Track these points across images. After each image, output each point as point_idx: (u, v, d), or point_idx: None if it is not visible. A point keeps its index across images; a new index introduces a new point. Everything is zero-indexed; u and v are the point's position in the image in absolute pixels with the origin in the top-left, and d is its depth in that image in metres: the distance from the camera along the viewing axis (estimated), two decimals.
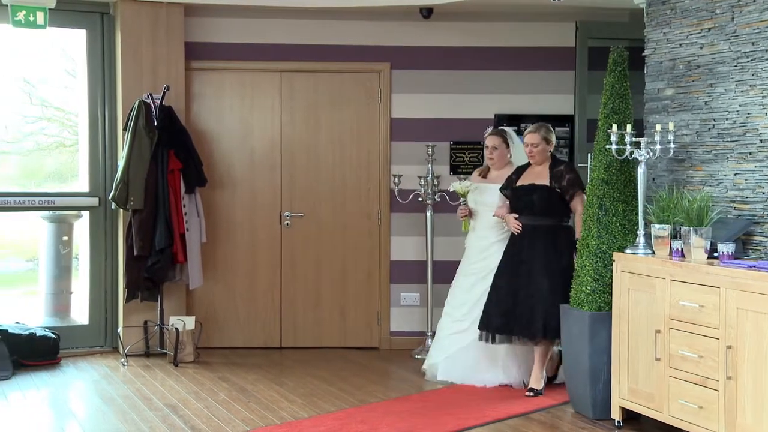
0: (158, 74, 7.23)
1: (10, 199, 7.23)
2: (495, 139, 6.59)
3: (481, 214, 6.57)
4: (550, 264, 6.00)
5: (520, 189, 6.20)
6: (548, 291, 5.94)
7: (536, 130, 6.20)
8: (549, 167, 6.17)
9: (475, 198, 6.58)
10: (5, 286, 8.17)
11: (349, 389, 6.30)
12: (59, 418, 5.74)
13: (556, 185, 6.07)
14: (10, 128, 7.75)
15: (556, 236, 6.08)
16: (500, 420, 5.59)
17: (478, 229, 6.59)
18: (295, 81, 7.65)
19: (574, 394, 5.75)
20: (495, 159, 6.56)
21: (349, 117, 7.70)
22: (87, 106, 7.43)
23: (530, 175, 6.23)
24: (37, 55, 7.62)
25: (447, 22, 7.65)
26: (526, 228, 6.11)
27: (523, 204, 6.14)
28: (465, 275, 6.60)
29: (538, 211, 6.08)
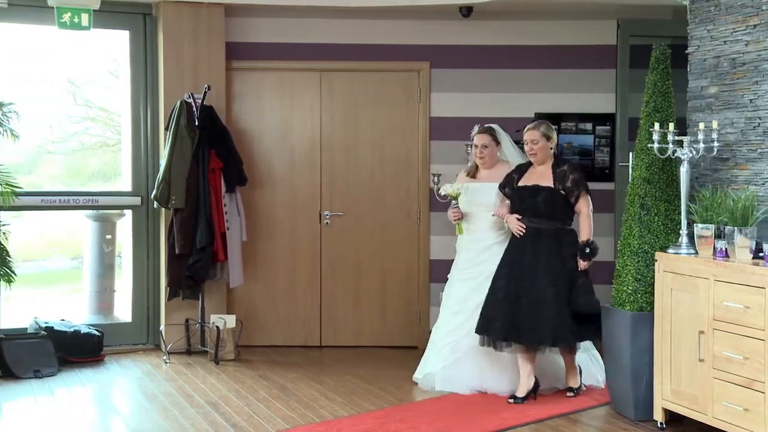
0: (199, 74, 7.28)
1: (56, 198, 7.31)
2: (484, 137, 6.30)
3: (476, 215, 6.28)
4: (554, 269, 5.77)
5: (523, 190, 5.93)
6: (553, 297, 5.71)
7: (536, 126, 5.97)
8: (552, 167, 5.93)
9: (469, 199, 6.27)
10: (51, 284, 8.30)
11: (389, 388, 6.30)
12: (103, 414, 5.80)
13: (560, 186, 5.84)
14: (56, 128, 7.86)
15: (561, 239, 5.84)
16: (541, 420, 5.55)
17: (475, 231, 6.29)
18: (334, 80, 7.66)
19: (616, 395, 5.69)
20: (486, 158, 6.26)
21: (389, 116, 7.69)
22: (129, 106, 7.50)
23: (533, 175, 5.97)
24: (81, 57, 7.71)
25: (486, 21, 7.61)
26: (529, 230, 5.85)
27: (526, 206, 5.89)
28: (462, 280, 6.29)
29: (542, 214, 5.84)
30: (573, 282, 5.70)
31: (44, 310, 7.35)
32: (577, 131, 7.69)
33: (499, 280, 5.89)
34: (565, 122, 7.68)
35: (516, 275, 5.81)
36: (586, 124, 7.69)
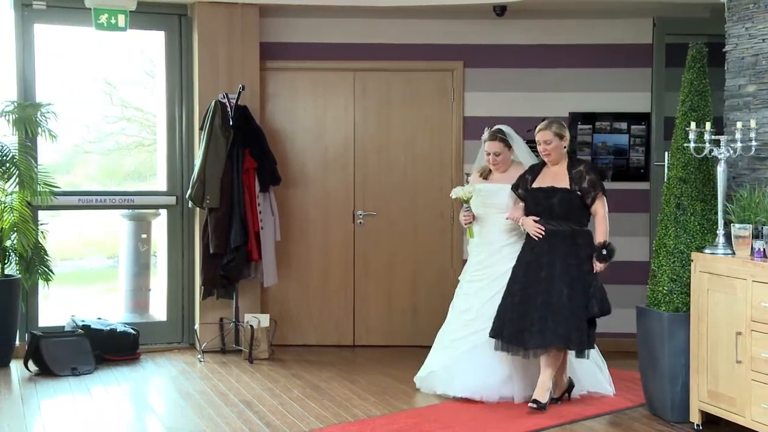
0: (234, 74, 7.32)
1: (92, 198, 7.40)
2: (496, 145, 6.08)
3: (489, 217, 6.11)
4: (570, 271, 5.61)
5: (539, 191, 5.77)
6: (568, 299, 5.56)
7: (547, 126, 5.78)
8: (567, 167, 5.77)
9: (483, 200, 6.10)
10: (88, 283, 8.40)
11: None
12: (139, 411, 5.85)
13: (576, 188, 5.69)
14: (92, 128, 7.95)
15: (577, 242, 5.68)
16: (576, 421, 5.53)
17: (486, 233, 6.12)
18: (367, 80, 7.67)
19: (651, 396, 5.65)
20: (499, 164, 6.10)
21: (422, 116, 7.69)
22: (165, 107, 7.57)
23: (548, 176, 5.80)
24: (117, 57, 7.79)
25: (520, 20, 7.58)
26: (546, 232, 5.68)
27: (542, 208, 5.73)
28: (471, 281, 6.17)
29: (558, 216, 5.69)
30: (589, 284, 5.58)
31: (81, 309, 7.44)
32: (611, 131, 7.64)
33: (515, 284, 5.75)
34: (599, 122, 7.63)
35: (532, 278, 5.68)
36: (621, 124, 7.64)
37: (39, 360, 6.58)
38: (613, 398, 6.00)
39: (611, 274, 7.54)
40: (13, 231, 6.76)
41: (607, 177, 7.62)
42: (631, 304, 6.10)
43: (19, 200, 6.77)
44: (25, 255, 6.76)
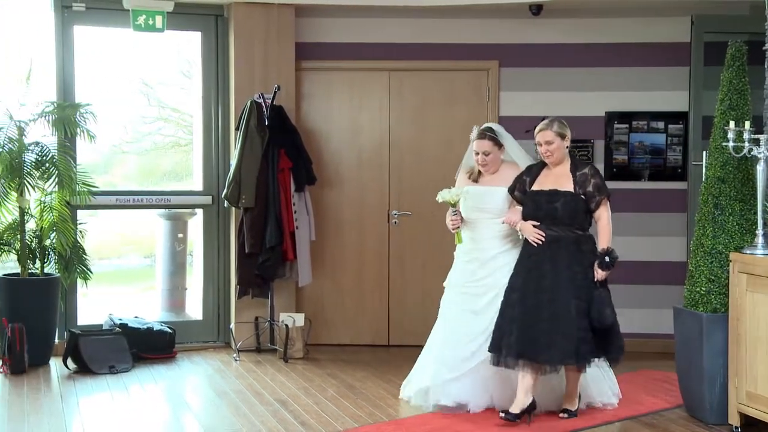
0: (269, 74, 7.37)
1: (130, 198, 7.49)
2: (485, 144, 5.70)
3: (479, 222, 5.70)
4: (575, 280, 5.27)
5: (539, 195, 5.41)
6: (576, 310, 5.22)
7: (548, 126, 5.45)
8: (570, 169, 5.43)
9: (472, 204, 5.71)
10: (125, 282, 8.50)
11: None
12: (175, 409, 5.92)
13: (580, 191, 5.35)
14: (129, 129, 8.05)
15: (581, 248, 5.34)
16: (611, 422, 5.51)
17: (477, 240, 5.70)
18: (403, 80, 7.69)
19: (689, 398, 5.61)
20: (489, 164, 5.71)
21: (458, 115, 7.67)
22: (201, 107, 7.64)
23: (549, 178, 5.45)
24: (154, 58, 7.88)
25: (556, 19, 7.56)
26: (547, 238, 5.32)
27: (544, 212, 5.36)
28: (466, 293, 5.72)
29: (561, 220, 5.33)
30: (593, 293, 5.27)
31: (119, 307, 7.53)
32: (648, 130, 7.59)
33: (514, 293, 5.38)
34: (636, 121, 7.59)
35: (533, 287, 5.31)
36: (658, 123, 7.58)
37: (78, 358, 6.68)
38: (650, 399, 5.96)
39: (648, 274, 7.56)
40: (53, 230, 6.87)
41: (644, 177, 7.58)
42: (668, 305, 6.06)
43: (58, 200, 6.87)
44: (64, 254, 6.87)
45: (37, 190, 6.89)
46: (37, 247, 6.91)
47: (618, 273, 7.50)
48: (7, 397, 5.98)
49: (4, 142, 6.72)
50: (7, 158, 6.65)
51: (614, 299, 7.52)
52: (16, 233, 6.83)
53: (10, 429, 5.28)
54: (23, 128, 6.83)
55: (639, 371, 6.80)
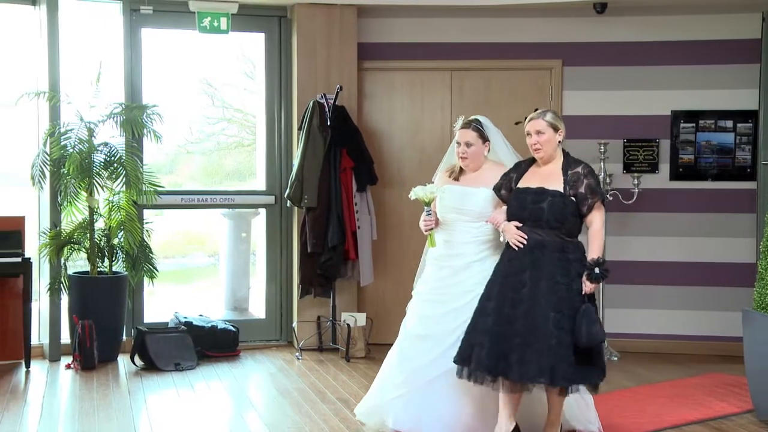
0: (332, 75, 7.42)
1: (194, 197, 7.59)
2: (468, 133, 5.06)
3: (455, 225, 5.08)
4: (558, 290, 4.62)
5: (525, 193, 4.79)
6: (555, 324, 4.57)
7: (541, 115, 4.85)
8: (562, 167, 4.81)
9: (452, 204, 5.08)
10: (190, 280, 8.62)
11: None
12: (239, 407, 5.99)
13: (571, 192, 4.72)
14: (194, 129, 8.16)
15: (567, 256, 4.69)
16: (677, 426, 5.43)
17: (451, 244, 5.09)
18: (465, 79, 7.68)
19: (759, 402, 5.50)
20: (468, 158, 5.06)
21: (520, 115, 7.55)
22: (264, 107, 7.72)
23: (538, 175, 4.84)
24: (218, 59, 7.99)
25: (621, 17, 7.47)
26: (530, 242, 4.71)
27: (528, 212, 4.75)
28: (432, 301, 5.12)
29: (547, 223, 4.70)
30: (577, 307, 4.61)
31: (184, 306, 7.64)
32: (716, 129, 7.47)
33: (489, 301, 4.76)
34: (703, 120, 7.47)
35: (510, 295, 4.69)
36: (726, 122, 7.45)
37: (144, 355, 6.79)
38: (719, 404, 5.87)
39: (716, 276, 7.44)
40: (121, 229, 7.01)
41: (711, 177, 7.46)
42: (737, 307, 5.96)
43: (125, 199, 7.00)
44: (132, 253, 6.99)
45: (105, 190, 7.02)
46: (105, 246, 7.05)
47: (685, 274, 7.47)
48: (78, 392, 6.11)
49: (74, 143, 6.87)
50: (78, 159, 6.79)
51: (682, 301, 7.51)
52: (85, 232, 6.98)
53: (81, 423, 5.39)
54: (93, 129, 6.97)
55: (707, 375, 6.70)
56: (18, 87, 6.93)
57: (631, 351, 7.45)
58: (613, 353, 7.27)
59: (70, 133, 6.90)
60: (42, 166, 6.83)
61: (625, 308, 7.56)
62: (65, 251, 6.96)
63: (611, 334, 7.39)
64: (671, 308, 7.55)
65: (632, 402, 5.94)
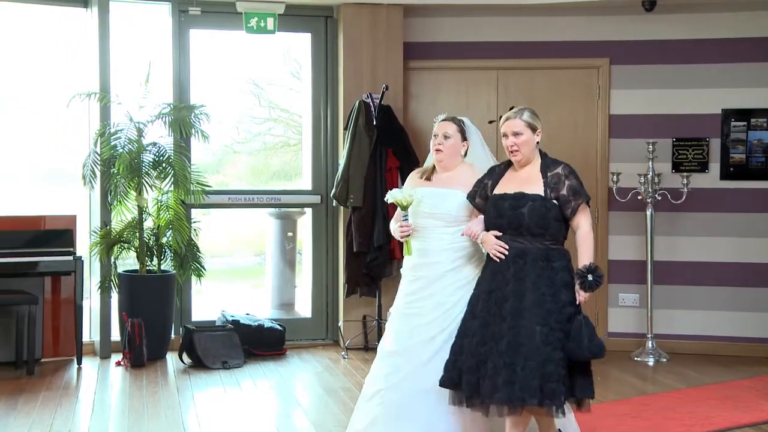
0: (377, 74, 7.44)
1: (241, 197, 7.66)
2: (448, 125, 4.71)
3: (428, 231, 4.64)
4: (544, 303, 4.25)
5: (503, 199, 4.38)
6: (542, 340, 4.20)
7: (517, 114, 4.43)
8: (541, 169, 4.42)
9: (426, 208, 4.63)
10: (236, 279, 8.69)
11: None
12: (285, 405, 6.04)
13: (552, 195, 4.34)
14: (241, 129, 8.24)
15: (552, 264, 4.31)
16: (728, 429, 5.37)
17: (425, 252, 4.65)
18: (511, 79, 7.66)
19: None
20: (445, 152, 4.66)
21: (566, 114, 7.61)
22: (310, 107, 7.76)
23: (515, 180, 4.42)
24: (265, 59, 8.05)
25: (671, 15, 7.41)
26: (511, 252, 4.33)
27: (507, 220, 4.34)
28: (406, 315, 4.67)
29: (528, 230, 4.31)
30: (569, 319, 4.23)
31: (231, 304, 7.71)
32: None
33: (473, 320, 4.38)
34: (755, 118, 7.37)
35: (494, 312, 4.32)
36: None
37: (192, 353, 6.87)
38: None
39: (765, 276, 7.34)
40: (169, 228, 7.10)
41: (763, 176, 7.37)
42: None
43: (174, 199, 7.09)
44: (180, 251, 7.08)
45: (154, 190, 7.12)
46: (154, 245, 7.15)
47: (735, 275, 7.39)
48: (128, 389, 6.21)
49: (124, 142, 6.98)
50: (127, 158, 6.90)
51: (732, 302, 7.43)
52: (135, 231, 7.08)
53: (131, 419, 5.48)
54: (142, 129, 7.07)
55: (759, 378, 6.62)
56: (70, 88, 7.05)
57: (680, 352, 7.38)
58: (661, 354, 7.22)
59: (120, 133, 7.01)
60: (93, 165, 6.94)
61: (674, 309, 7.50)
62: (115, 250, 7.07)
63: (660, 335, 7.35)
64: (720, 309, 7.46)
65: (682, 404, 5.89)
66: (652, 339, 7.25)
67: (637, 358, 7.19)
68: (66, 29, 7.32)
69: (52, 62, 7.36)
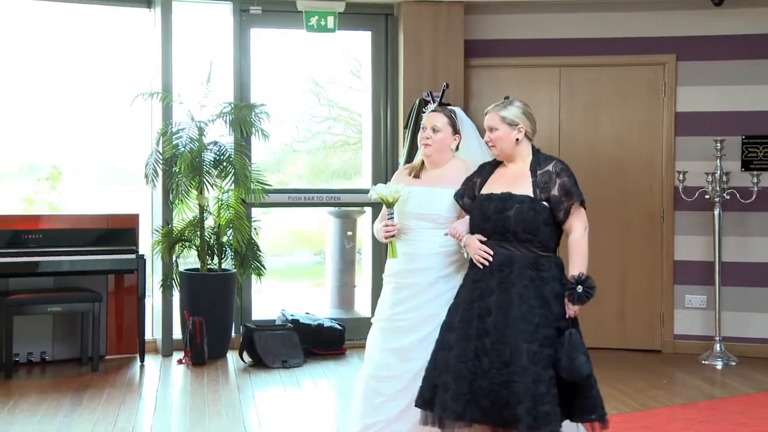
0: (438, 72, 7.40)
1: (301, 196, 7.69)
2: (437, 116, 4.37)
3: (415, 233, 4.28)
4: (532, 316, 3.89)
5: (489, 200, 4.05)
6: (530, 358, 3.82)
7: (497, 108, 4.16)
8: (531, 167, 4.08)
9: (414, 209, 4.27)
10: (296, 278, 8.74)
11: (631, 392, 6.15)
12: (345, 405, 5.98)
13: (542, 195, 4.00)
14: (301, 128, 8.29)
15: (542, 274, 3.95)
16: None
17: (412, 257, 4.26)
18: (574, 76, 7.57)
19: None
20: (433, 146, 4.32)
21: (631, 112, 7.50)
22: (370, 106, 7.77)
23: (504, 178, 4.11)
24: (325, 58, 8.09)
25: (740, 9, 7.25)
26: (497, 259, 3.98)
27: (492, 224, 4.00)
28: (392, 331, 4.28)
29: (515, 235, 3.97)
30: (560, 334, 3.90)
31: (290, 303, 7.75)
32: None
33: (450, 333, 4.01)
34: None
35: (476, 324, 3.96)
36: None
37: (252, 352, 6.91)
38: None
39: None
40: (229, 227, 7.16)
41: None
42: None
43: (234, 198, 7.15)
44: (240, 250, 7.14)
45: (215, 188, 7.18)
46: (215, 244, 7.22)
47: None
48: (189, 387, 6.28)
49: (185, 142, 7.05)
50: (188, 157, 6.97)
51: None
52: (196, 230, 7.15)
53: (192, 417, 5.54)
54: (203, 128, 7.14)
55: None
56: (133, 88, 7.15)
57: (750, 356, 7.23)
58: (730, 358, 7.07)
59: (182, 132, 7.08)
60: (155, 164, 7.03)
61: (743, 311, 7.34)
62: (176, 248, 7.15)
63: (728, 338, 7.21)
64: None
65: (752, 408, 5.77)
66: (720, 341, 7.11)
67: (704, 362, 7.07)
68: (130, 30, 7.42)
69: (116, 62, 7.47)
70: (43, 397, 5.87)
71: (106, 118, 7.47)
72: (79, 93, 7.42)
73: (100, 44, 7.42)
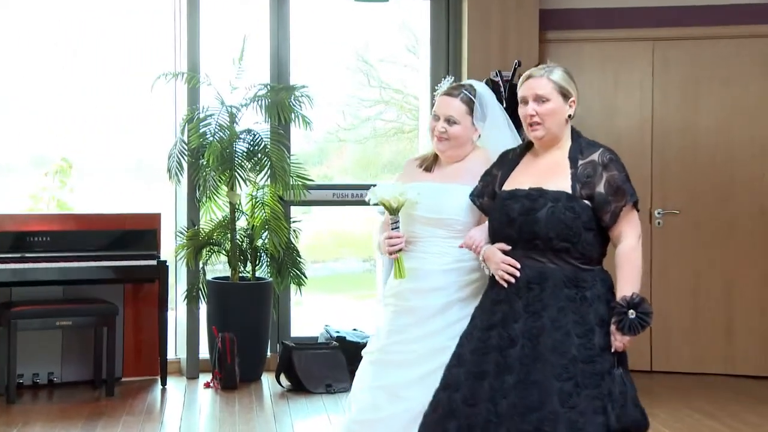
0: (508, 48, 7.29)
1: (347, 192, 7.57)
2: (453, 104, 3.88)
3: (429, 244, 3.83)
4: (568, 345, 3.44)
5: (514, 198, 3.58)
6: (562, 400, 3.39)
7: (545, 72, 3.67)
8: (569, 156, 3.61)
9: (423, 212, 3.82)
10: (342, 289, 8.66)
11: (740, 427, 5.98)
12: None
13: (584, 192, 3.54)
14: (347, 114, 8.20)
15: (584, 293, 3.50)
16: None
17: (420, 274, 3.81)
18: (669, 51, 7.43)
19: None
20: (449, 140, 3.88)
21: (738, 93, 7.36)
22: (428, 87, 7.62)
23: (533, 169, 3.65)
24: (376, 32, 8.01)
25: None
26: (525, 274, 3.53)
27: (518, 229, 3.55)
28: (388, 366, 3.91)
29: (548, 243, 3.52)
30: (606, 373, 3.44)
31: (335, 318, 7.66)
32: None
33: (459, 368, 3.59)
34: None
35: (495, 358, 3.51)
36: None
37: (291, 374, 6.82)
38: None
39: None
40: (265, 229, 7.06)
41: None
42: None
43: (270, 195, 7.07)
44: (277, 256, 7.04)
45: (248, 184, 7.10)
46: (248, 248, 7.14)
47: None
48: (218, 414, 6.21)
49: (214, 129, 6.96)
50: (218, 148, 6.87)
51: None
52: (226, 232, 7.07)
53: None
54: (234, 114, 7.06)
55: None
56: (154, 69, 7.09)
57: None
58: None
59: (210, 119, 7.01)
60: (179, 156, 6.97)
61: None
62: (204, 253, 7.09)
63: None
64: None
65: None
66: None
67: None
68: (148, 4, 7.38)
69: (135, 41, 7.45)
70: (50, 426, 5.83)
71: (123, 104, 7.46)
72: (93, 77, 7.43)
73: (116, 20, 7.39)
